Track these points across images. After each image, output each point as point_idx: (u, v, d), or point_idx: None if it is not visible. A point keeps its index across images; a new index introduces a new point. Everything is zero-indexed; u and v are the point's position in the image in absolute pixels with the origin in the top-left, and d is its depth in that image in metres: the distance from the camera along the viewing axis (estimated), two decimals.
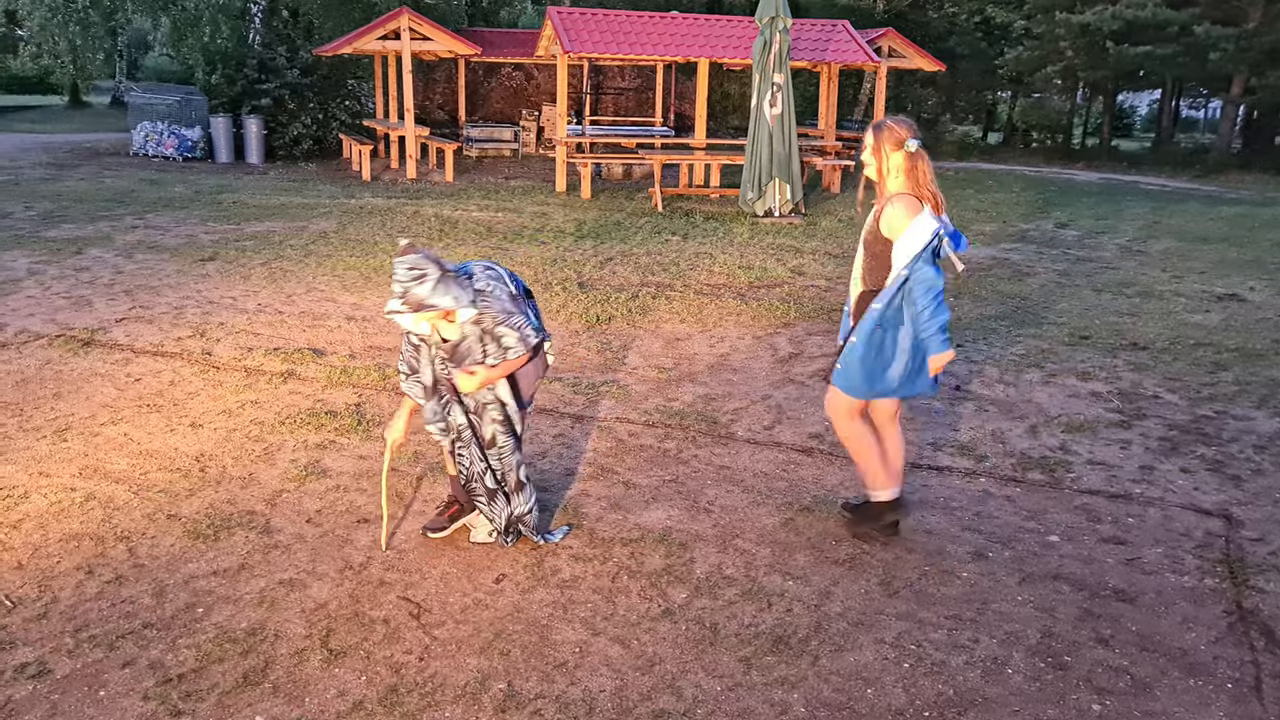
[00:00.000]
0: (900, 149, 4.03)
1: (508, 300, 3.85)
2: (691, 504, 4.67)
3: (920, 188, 4.01)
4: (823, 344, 7.44)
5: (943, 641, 3.58)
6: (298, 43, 21.59)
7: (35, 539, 4.15)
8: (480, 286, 3.81)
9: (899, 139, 4.03)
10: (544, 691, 3.24)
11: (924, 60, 19.30)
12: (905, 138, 4.02)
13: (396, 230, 11.99)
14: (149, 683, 3.24)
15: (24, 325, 7.29)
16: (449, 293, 3.67)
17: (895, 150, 4.05)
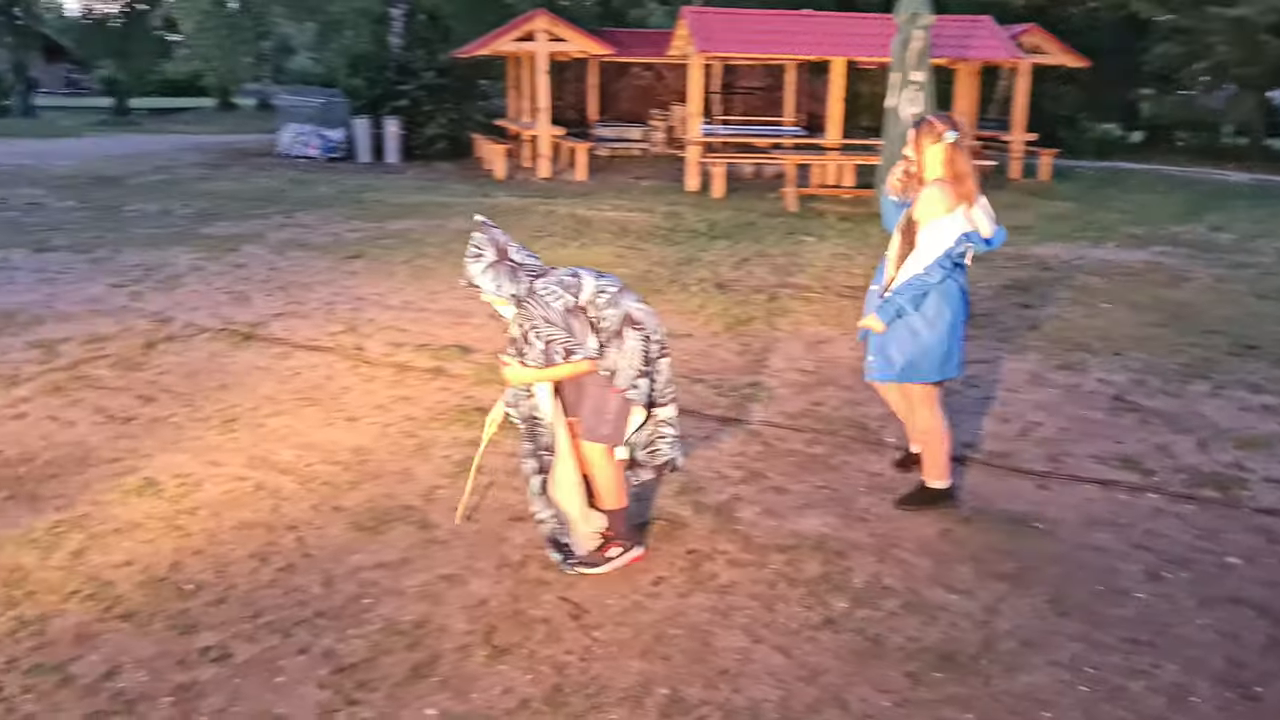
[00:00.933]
0: (939, 141, 4.27)
1: (558, 312, 3.71)
2: (845, 511, 4.59)
3: (958, 177, 4.24)
4: (969, 349, 7.21)
5: (1120, 665, 3.43)
6: (435, 45, 22.10)
7: (211, 526, 4.32)
8: (538, 288, 3.73)
9: (938, 132, 4.27)
10: (708, 699, 3.22)
11: (1067, 56, 18.69)
12: (943, 131, 4.26)
13: (533, 230, 12.14)
14: (323, 671, 3.33)
15: (190, 319, 7.62)
16: (494, 280, 3.71)
17: (934, 143, 4.29)
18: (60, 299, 8.19)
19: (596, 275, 3.86)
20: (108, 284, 8.77)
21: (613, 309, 3.77)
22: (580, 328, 3.73)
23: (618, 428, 3.88)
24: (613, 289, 3.81)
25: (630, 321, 3.78)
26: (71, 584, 3.82)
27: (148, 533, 4.24)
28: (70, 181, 16.21)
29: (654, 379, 3.89)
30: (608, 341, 3.77)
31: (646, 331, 3.81)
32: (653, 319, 3.87)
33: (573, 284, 3.77)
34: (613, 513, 4.03)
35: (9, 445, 5.17)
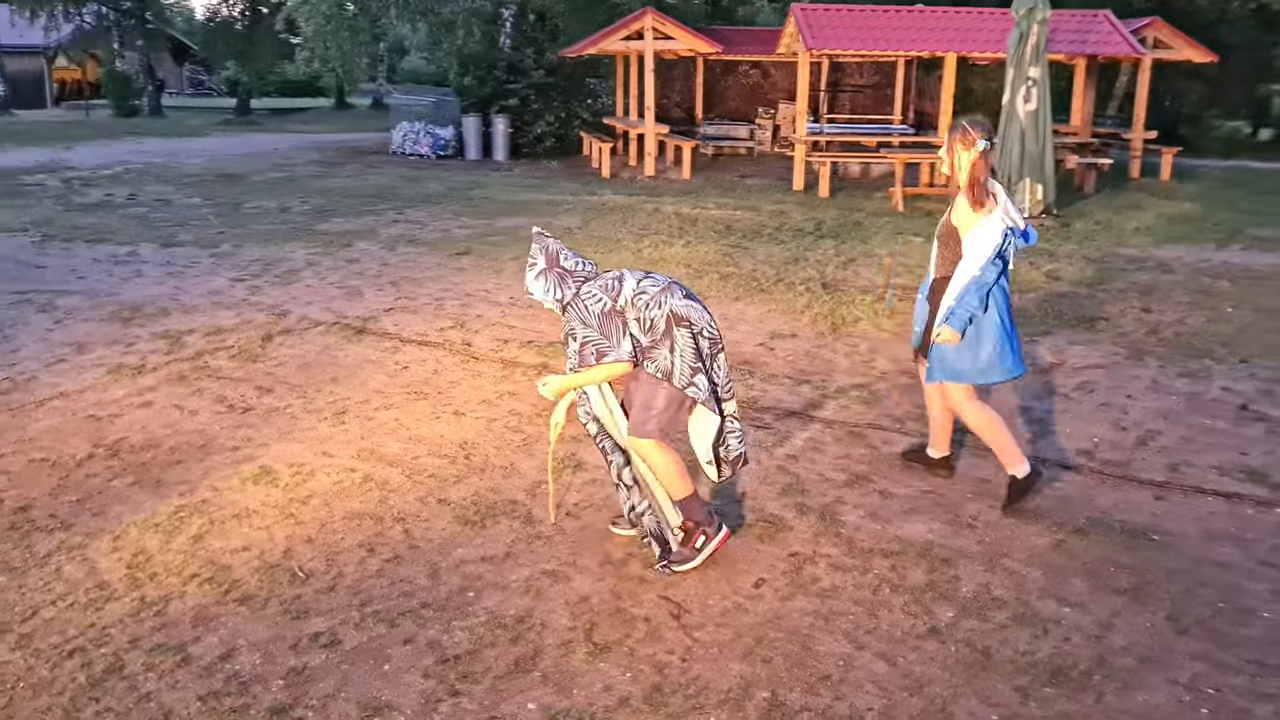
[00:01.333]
0: (971, 148, 4.39)
1: (596, 315, 3.76)
2: (953, 518, 4.49)
3: (973, 185, 4.39)
4: (1086, 353, 7.01)
5: (1245, 688, 3.28)
6: (544, 44, 22.34)
7: (322, 515, 4.43)
8: (582, 292, 3.80)
9: (970, 140, 4.39)
10: (809, 704, 3.18)
11: (1193, 51, 17.96)
12: (976, 139, 4.38)
13: (638, 227, 12.18)
14: (428, 661, 3.39)
15: (305, 312, 7.85)
16: (544, 286, 3.84)
17: (966, 150, 4.41)
18: (185, 292, 8.52)
19: (640, 277, 3.88)
20: (229, 278, 9.09)
21: (656, 309, 3.77)
22: (616, 331, 3.77)
23: (661, 421, 3.86)
24: (654, 289, 3.81)
25: (676, 319, 3.77)
26: (191, 567, 3.96)
27: (263, 519, 4.37)
28: (196, 179, 16.84)
29: (714, 374, 3.88)
30: (658, 342, 3.78)
31: (695, 329, 3.80)
32: (701, 315, 3.85)
33: (614, 287, 3.81)
34: (683, 501, 4.00)
35: (136, 432, 5.39)
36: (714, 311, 7.85)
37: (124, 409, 5.72)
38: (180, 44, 45.94)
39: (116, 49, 37.47)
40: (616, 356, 3.76)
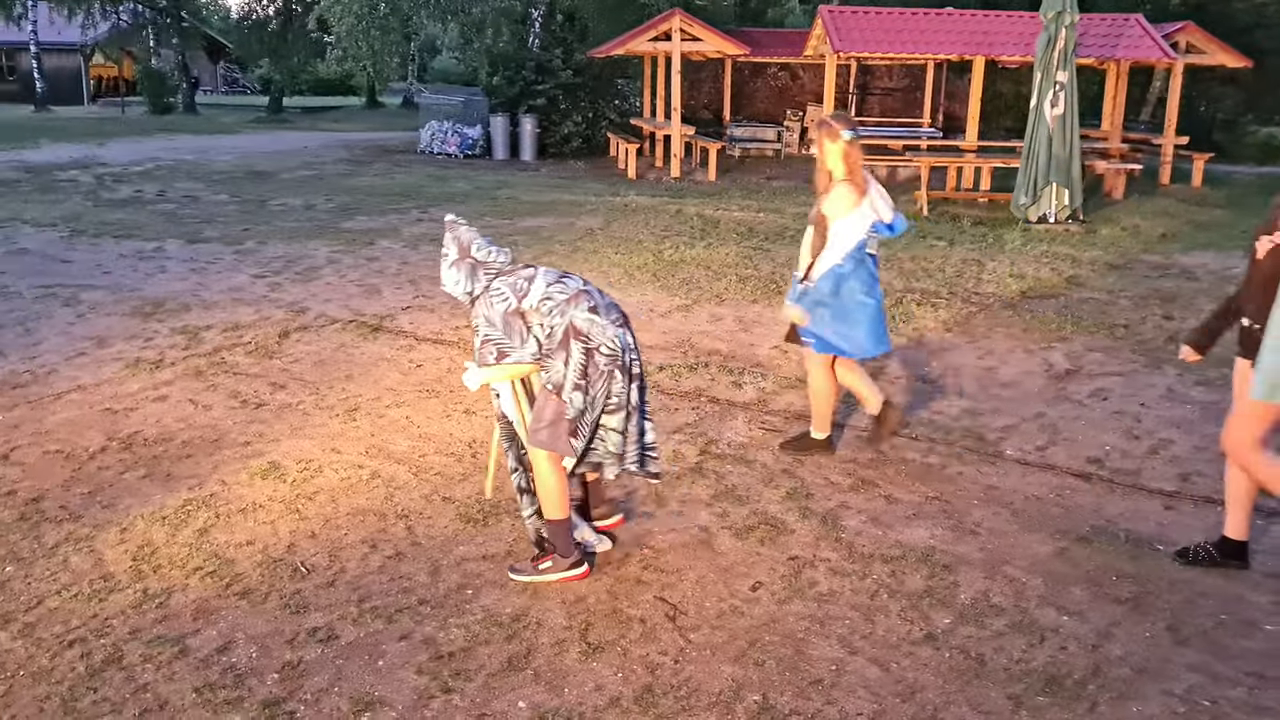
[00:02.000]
0: (837, 140, 4.73)
1: (499, 313, 3.71)
2: (956, 524, 4.47)
3: (852, 172, 4.74)
4: (1104, 360, 6.95)
5: (1243, 701, 3.25)
6: (573, 45, 22.39)
7: (327, 511, 4.48)
8: (491, 287, 3.75)
9: (835, 132, 4.73)
10: (799, 708, 3.18)
11: (1227, 56, 17.73)
12: (840, 130, 4.72)
13: (660, 229, 12.19)
14: (423, 657, 3.42)
15: (322, 310, 7.92)
16: (454, 278, 3.83)
17: (833, 143, 4.74)
18: (207, 288, 8.62)
19: (553, 280, 3.76)
20: (251, 274, 9.19)
21: (558, 317, 3.68)
22: (519, 331, 3.71)
23: (553, 434, 3.75)
24: (561, 296, 3.70)
25: (574, 332, 3.67)
26: (195, 560, 4.02)
27: (269, 514, 4.42)
28: (225, 176, 17.02)
29: (610, 391, 3.73)
30: (554, 351, 3.69)
31: (592, 344, 3.67)
32: (603, 330, 3.69)
33: (522, 288, 3.72)
34: (552, 524, 3.91)
35: (150, 426, 5.46)
36: (731, 313, 7.92)
37: (139, 403, 5.80)
38: (215, 42, 46.45)
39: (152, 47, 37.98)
40: (519, 358, 3.73)
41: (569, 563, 3.91)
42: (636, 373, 3.83)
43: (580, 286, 3.80)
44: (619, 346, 3.73)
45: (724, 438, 5.44)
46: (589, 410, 3.73)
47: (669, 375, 6.48)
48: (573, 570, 3.91)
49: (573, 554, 3.93)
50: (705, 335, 7.49)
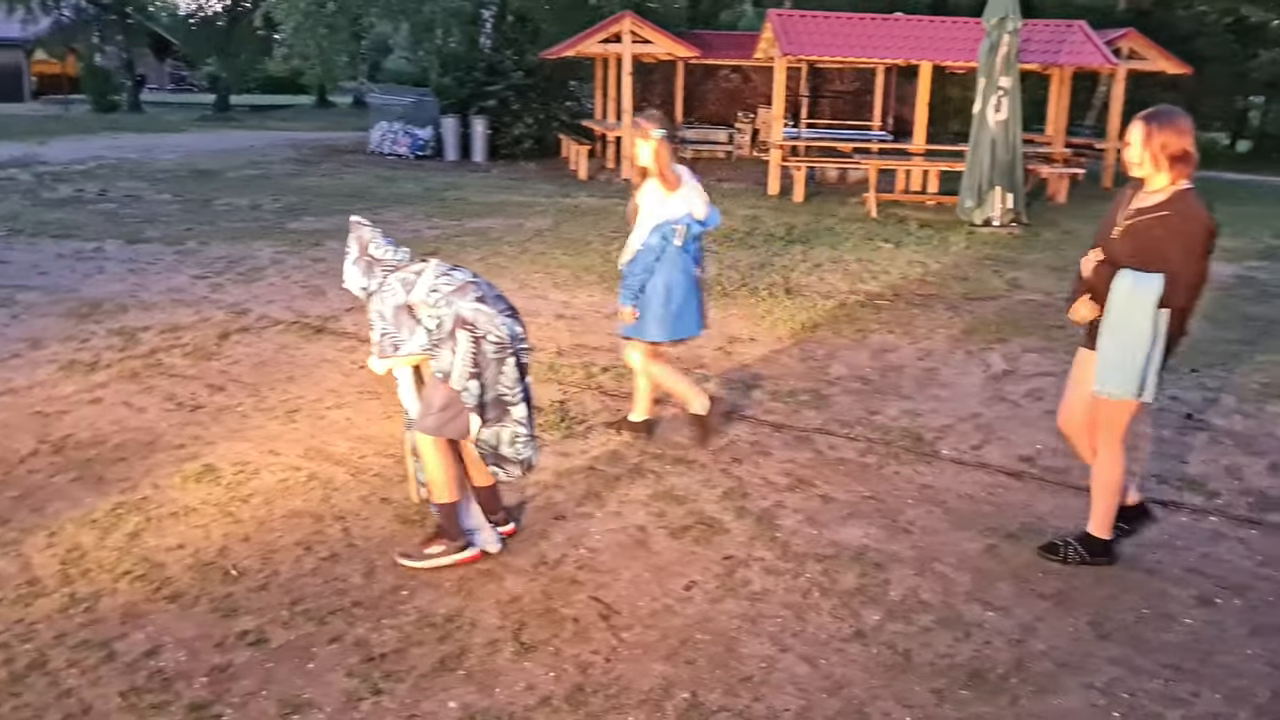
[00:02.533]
0: (648, 139, 4.94)
1: (391, 307, 3.83)
2: (890, 523, 4.53)
3: (662, 169, 4.95)
4: (1039, 361, 7.08)
5: (1159, 692, 3.33)
6: (524, 46, 22.35)
7: (262, 514, 4.44)
8: (386, 283, 3.87)
9: (645, 131, 4.96)
10: (728, 705, 3.21)
11: (1167, 62, 18.13)
12: (649, 129, 4.94)
13: (609, 230, 12.21)
14: (354, 659, 3.41)
15: (265, 311, 7.84)
16: (352, 274, 3.97)
17: (646, 141, 4.96)
18: (146, 289, 8.50)
19: (440, 272, 3.86)
20: (191, 275, 9.08)
21: (445, 308, 3.77)
22: (407, 324, 3.82)
23: (440, 421, 3.85)
24: (448, 288, 3.79)
25: (461, 321, 3.75)
26: (125, 564, 3.97)
27: (202, 517, 4.38)
28: (169, 175, 16.79)
29: (499, 380, 3.83)
30: (442, 341, 3.78)
31: (478, 333, 3.76)
32: (490, 319, 3.79)
33: (411, 281, 3.83)
34: (443, 507, 4.00)
35: (82, 429, 5.38)
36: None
37: (73, 405, 5.71)
38: (161, 39, 45.72)
39: (96, 43, 37.29)
40: (409, 349, 3.85)
41: (457, 546, 3.99)
42: (525, 363, 3.97)
43: (468, 278, 3.89)
44: (507, 335, 3.83)
45: (664, 438, 5.47)
46: (488, 393, 3.83)
47: (612, 377, 6.50)
48: (461, 554, 3.99)
49: (461, 538, 4.01)
50: None
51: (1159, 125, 3.72)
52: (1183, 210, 3.72)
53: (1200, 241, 3.71)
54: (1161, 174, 3.77)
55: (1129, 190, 3.96)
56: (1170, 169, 3.75)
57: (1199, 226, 3.70)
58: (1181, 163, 3.73)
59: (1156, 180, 3.80)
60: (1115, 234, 3.88)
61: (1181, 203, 3.73)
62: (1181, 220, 3.71)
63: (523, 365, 3.94)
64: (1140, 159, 3.78)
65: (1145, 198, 3.84)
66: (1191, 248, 3.70)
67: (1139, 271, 3.79)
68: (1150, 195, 3.83)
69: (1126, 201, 3.92)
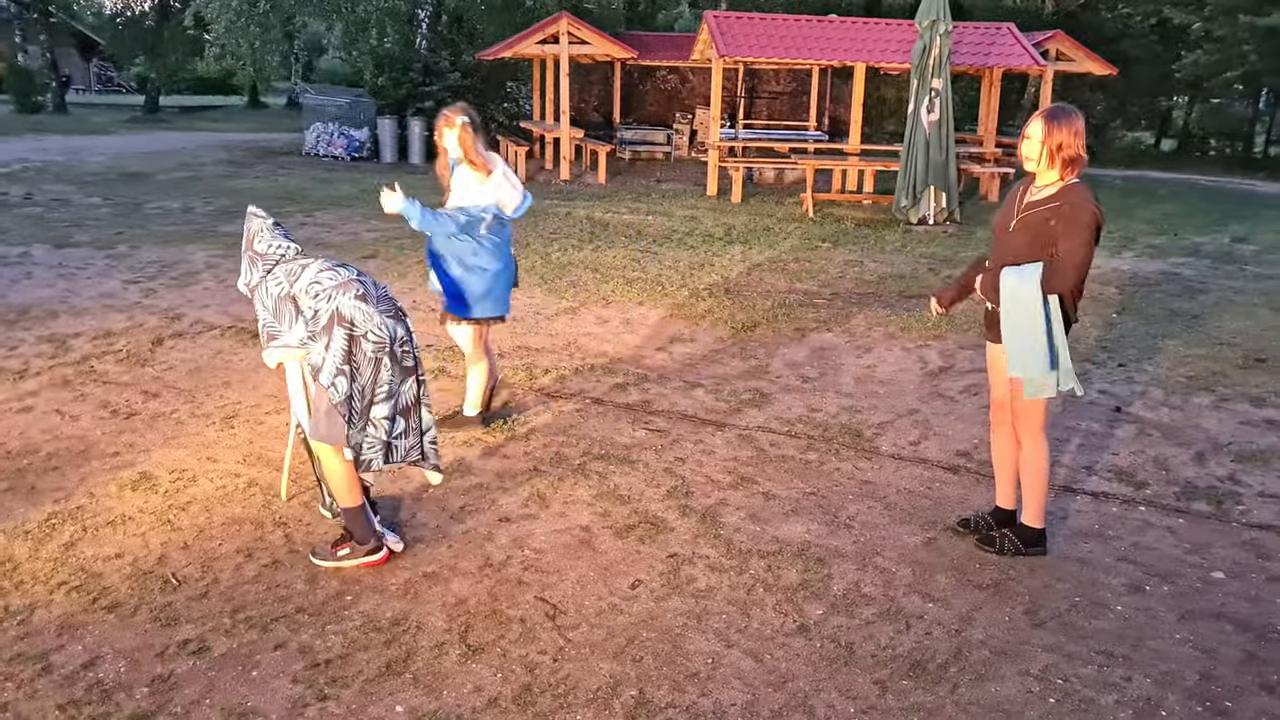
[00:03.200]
0: (453, 127, 5.11)
1: (273, 299, 3.89)
2: (832, 519, 4.60)
3: (471, 153, 5.15)
4: (974, 358, 7.22)
5: (1092, 678, 3.43)
6: (460, 47, 22.23)
7: (201, 521, 4.38)
8: (270, 275, 3.91)
9: (450, 120, 5.14)
10: (675, 701, 3.24)
11: (1094, 64, 18.54)
12: (454, 117, 5.13)
13: (549, 232, 12.21)
14: (298, 666, 3.38)
15: (200, 316, 7.72)
16: (243, 266, 4.02)
17: (450, 129, 5.13)
18: (75, 294, 8.32)
19: (325, 267, 3.88)
20: (123, 280, 8.90)
21: (324, 302, 3.79)
22: (289, 316, 3.85)
23: (329, 425, 3.83)
24: (330, 283, 3.81)
25: (339, 318, 3.76)
26: (60, 575, 3.89)
27: (139, 526, 4.31)
28: (98, 178, 16.43)
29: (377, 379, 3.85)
30: (317, 335, 3.79)
31: (357, 331, 3.78)
32: (369, 317, 3.80)
33: (296, 273, 3.88)
34: (346, 511, 4.02)
35: (13, 438, 5.26)
36: (617, 315, 7.98)
37: (1, 415, 5.58)
38: (87, 39, 44.74)
39: (18, 43, 36.29)
40: (286, 341, 3.86)
41: (366, 549, 4.02)
42: (410, 365, 4.00)
43: (352, 276, 3.91)
44: (386, 335, 3.84)
45: (608, 439, 5.49)
46: (357, 397, 3.84)
47: (554, 378, 6.50)
48: (370, 556, 4.02)
49: (370, 540, 4.03)
50: (591, 337, 7.53)
51: (1058, 124, 3.86)
52: (1074, 200, 3.87)
53: (1089, 230, 3.84)
54: (1053, 171, 3.92)
55: (1020, 186, 4.12)
56: (1062, 168, 3.90)
57: (1089, 216, 3.84)
58: (1073, 165, 3.89)
59: (1047, 176, 3.96)
60: (1011, 228, 4.03)
61: (1073, 194, 3.89)
62: (1072, 209, 3.85)
63: (407, 368, 3.98)
64: (1037, 155, 3.91)
65: (1036, 192, 4.00)
66: (1079, 235, 3.84)
67: (1021, 265, 3.95)
68: (1041, 190, 3.99)
69: (1019, 197, 4.08)
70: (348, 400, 3.81)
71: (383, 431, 3.93)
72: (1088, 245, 3.85)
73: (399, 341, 3.91)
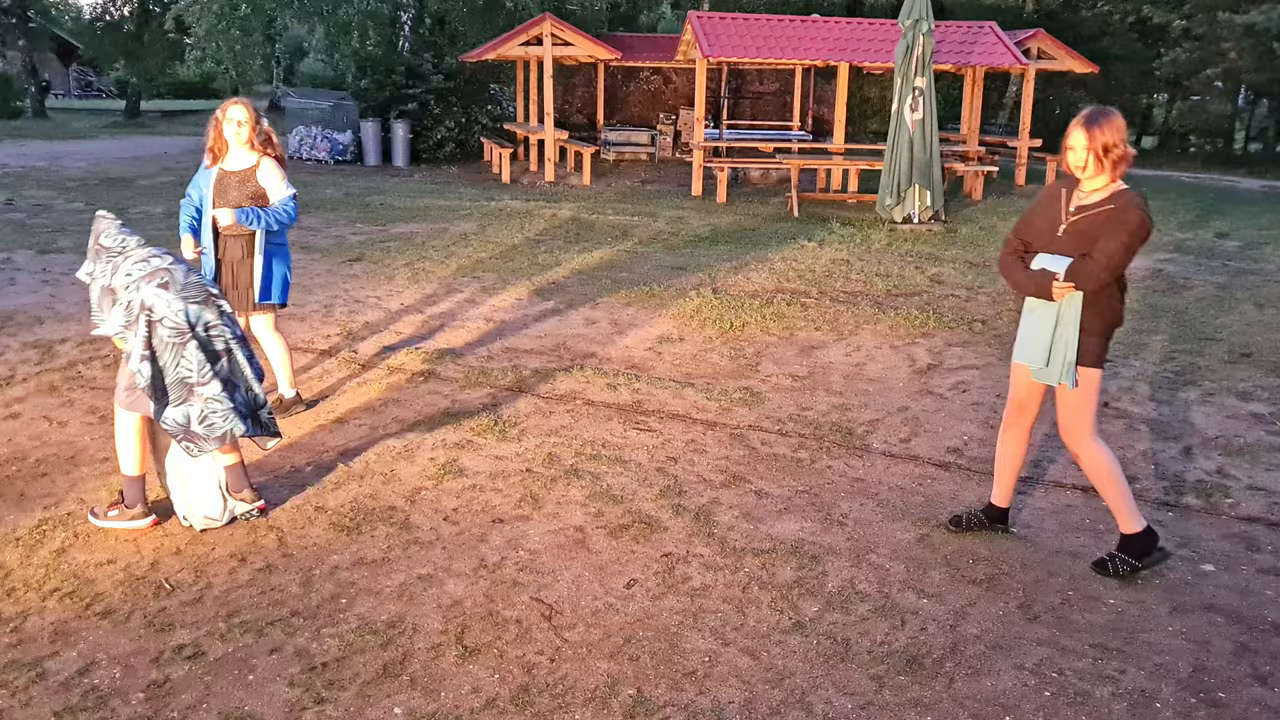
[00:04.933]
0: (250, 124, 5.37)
1: (98, 289, 4.12)
2: (825, 516, 4.62)
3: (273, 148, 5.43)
4: (963, 355, 7.25)
5: (1087, 671, 3.45)
6: (443, 49, 22.18)
7: None
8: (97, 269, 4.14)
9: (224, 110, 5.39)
10: (673, 700, 3.25)
11: (1075, 62, 18.64)
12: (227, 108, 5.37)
13: (535, 233, 12.20)
14: (294, 669, 3.37)
15: None
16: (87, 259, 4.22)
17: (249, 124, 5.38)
18: (61, 300, 8.27)
19: (140, 258, 4.10)
20: None
21: (133, 293, 4.02)
22: (107, 306, 4.09)
23: (129, 397, 4.14)
24: (139, 273, 4.04)
25: (142, 306, 3.99)
26: (52, 581, 3.87)
27: (131, 532, 4.28)
28: (79, 183, 16.33)
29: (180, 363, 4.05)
30: (131, 324, 4.03)
31: (154, 317, 3.99)
32: (168, 304, 4.01)
33: (117, 265, 4.10)
34: (126, 478, 4.29)
35: (1, 445, 5.23)
36: (605, 316, 7.98)
37: None
38: (66, 44, 44.44)
39: None
40: (107, 330, 4.10)
41: (132, 514, 4.29)
42: (222, 349, 4.18)
43: (161, 266, 4.11)
44: (184, 321, 4.04)
45: (599, 439, 5.49)
46: (162, 377, 4.05)
47: (543, 379, 6.50)
48: (135, 522, 4.28)
49: (138, 506, 4.29)
50: (580, 338, 7.53)
51: (1100, 127, 3.80)
52: (1124, 205, 3.82)
53: (1132, 235, 3.79)
54: (1103, 175, 3.86)
55: (1062, 189, 4.04)
56: (1112, 169, 3.85)
57: (1136, 222, 3.79)
58: (1122, 162, 3.83)
59: (1096, 180, 3.89)
60: (1060, 233, 3.94)
61: (1124, 198, 3.84)
62: (1122, 213, 3.81)
63: (217, 350, 4.15)
64: (1084, 162, 3.84)
65: (1085, 196, 3.93)
66: (1121, 237, 3.79)
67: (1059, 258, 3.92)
68: (1090, 194, 3.92)
69: (1063, 201, 4.00)
70: (151, 384, 4.03)
71: (224, 409, 4.13)
72: (1127, 250, 3.78)
73: (205, 326, 4.12)
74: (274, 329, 5.71)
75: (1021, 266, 4.09)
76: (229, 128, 5.35)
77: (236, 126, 5.34)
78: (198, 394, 4.08)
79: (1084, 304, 3.94)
